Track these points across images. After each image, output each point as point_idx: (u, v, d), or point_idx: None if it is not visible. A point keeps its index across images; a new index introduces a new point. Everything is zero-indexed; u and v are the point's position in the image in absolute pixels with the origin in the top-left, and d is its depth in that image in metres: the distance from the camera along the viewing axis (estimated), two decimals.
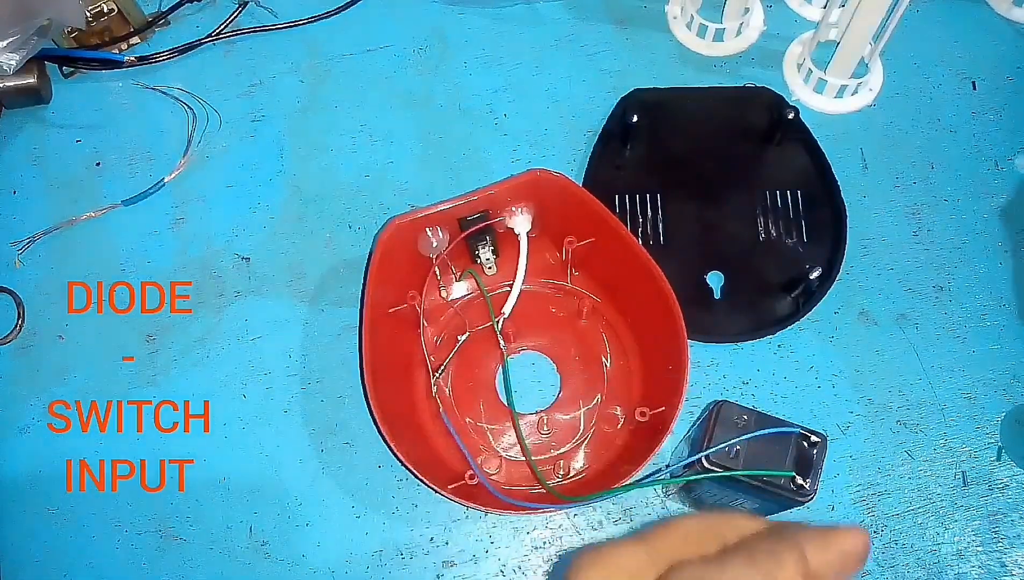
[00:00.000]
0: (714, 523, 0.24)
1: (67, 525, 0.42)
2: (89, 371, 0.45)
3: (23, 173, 0.49)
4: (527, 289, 0.45)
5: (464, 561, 0.41)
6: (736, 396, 0.44)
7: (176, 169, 0.49)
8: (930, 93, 0.51)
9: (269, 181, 0.49)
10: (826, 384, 0.44)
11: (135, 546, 0.42)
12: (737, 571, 0.22)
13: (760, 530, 0.24)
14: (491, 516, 0.42)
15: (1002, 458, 0.43)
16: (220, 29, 0.51)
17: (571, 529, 0.42)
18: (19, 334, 0.45)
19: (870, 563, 0.41)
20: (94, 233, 0.47)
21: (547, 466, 0.42)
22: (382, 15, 0.53)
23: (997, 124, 0.50)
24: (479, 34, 0.52)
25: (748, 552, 0.23)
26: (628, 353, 0.44)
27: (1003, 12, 0.53)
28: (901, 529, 0.42)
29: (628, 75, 0.51)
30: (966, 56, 0.52)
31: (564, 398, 0.44)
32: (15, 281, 0.46)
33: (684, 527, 0.24)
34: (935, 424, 0.44)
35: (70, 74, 0.51)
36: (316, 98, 0.51)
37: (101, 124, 0.50)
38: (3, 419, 0.44)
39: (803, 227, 0.47)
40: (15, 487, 0.43)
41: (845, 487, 0.43)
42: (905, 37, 0.50)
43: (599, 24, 0.53)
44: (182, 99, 0.50)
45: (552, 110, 0.51)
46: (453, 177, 0.49)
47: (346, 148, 0.50)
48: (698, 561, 0.23)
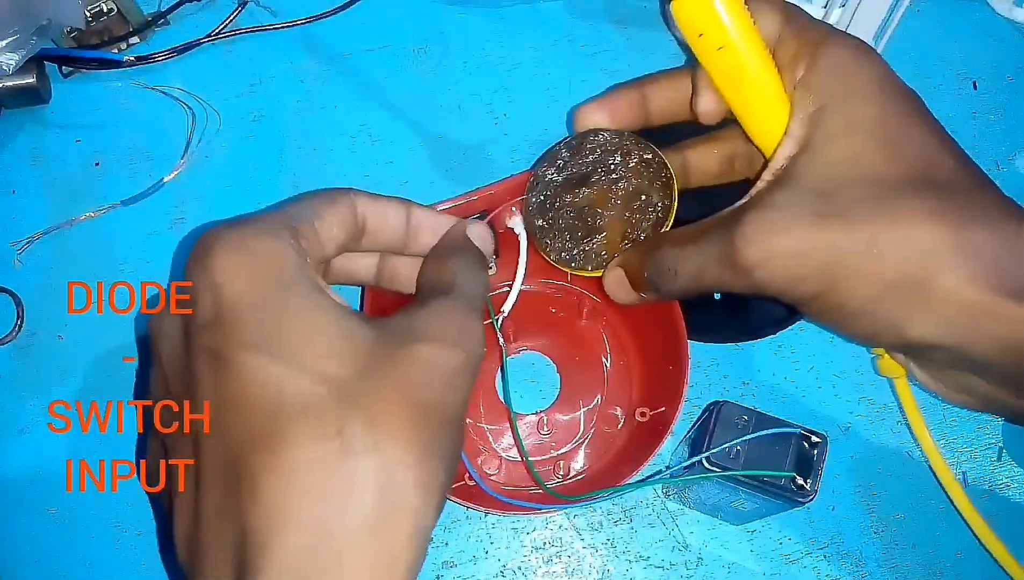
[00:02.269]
0: None
1: (67, 525, 0.42)
2: (89, 371, 0.45)
3: (22, 173, 0.49)
4: (527, 289, 0.45)
5: (464, 562, 0.41)
6: (736, 396, 0.44)
7: (176, 169, 0.49)
8: (930, 93, 0.51)
9: (269, 181, 0.49)
10: (827, 384, 0.44)
11: (135, 546, 0.42)
12: None
13: None
14: (491, 517, 0.42)
15: (1003, 458, 0.43)
16: (220, 29, 0.51)
17: (571, 529, 0.42)
18: (19, 334, 0.45)
19: (870, 563, 0.41)
20: (94, 233, 0.47)
21: (547, 466, 0.42)
22: (382, 15, 0.53)
23: (998, 124, 0.50)
24: (479, 34, 0.52)
25: None
26: (628, 353, 0.44)
27: (1004, 12, 0.53)
28: (902, 530, 0.42)
29: (628, 75, 0.51)
30: (966, 56, 0.52)
31: (564, 398, 0.43)
32: (15, 281, 0.46)
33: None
34: (936, 424, 0.44)
35: (69, 74, 0.51)
36: (316, 98, 0.51)
37: (101, 124, 0.50)
38: (3, 419, 0.44)
39: None
40: (15, 487, 0.43)
41: (846, 487, 0.42)
42: (905, 37, 0.50)
43: (599, 24, 0.53)
44: (182, 99, 0.50)
45: (552, 110, 0.51)
46: (453, 177, 0.49)
47: (346, 148, 0.50)
48: None
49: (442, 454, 0.24)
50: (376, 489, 0.22)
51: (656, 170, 0.36)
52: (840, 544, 0.42)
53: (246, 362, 0.23)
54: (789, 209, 0.29)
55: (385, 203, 0.31)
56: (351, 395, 0.23)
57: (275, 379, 0.23)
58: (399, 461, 0.23)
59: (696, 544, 0.42)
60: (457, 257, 0.31)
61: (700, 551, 0.41)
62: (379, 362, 0.24)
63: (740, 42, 0.31)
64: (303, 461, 0.22)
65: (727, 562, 0.41)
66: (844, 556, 0.41)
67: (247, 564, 0.22)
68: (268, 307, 0.24)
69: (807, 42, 0.31)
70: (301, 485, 0.22)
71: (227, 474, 0.23)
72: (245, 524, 0.22)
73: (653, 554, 0.41)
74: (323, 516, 0.22)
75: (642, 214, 0.36)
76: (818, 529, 0.42)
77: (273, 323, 0.24)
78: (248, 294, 0.24)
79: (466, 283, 0.29)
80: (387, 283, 0.34)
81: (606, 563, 0.41)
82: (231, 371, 0.23)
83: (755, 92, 0.32)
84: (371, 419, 0.23)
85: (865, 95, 0.30)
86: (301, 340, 0.24)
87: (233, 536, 0.23)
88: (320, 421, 0.22)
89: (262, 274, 0.24)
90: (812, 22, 0.33)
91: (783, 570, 0.41)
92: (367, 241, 0.31)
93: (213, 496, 0.23)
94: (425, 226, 0.32)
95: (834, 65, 0.31)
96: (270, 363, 0.23)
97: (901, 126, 0.30)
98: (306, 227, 0.27)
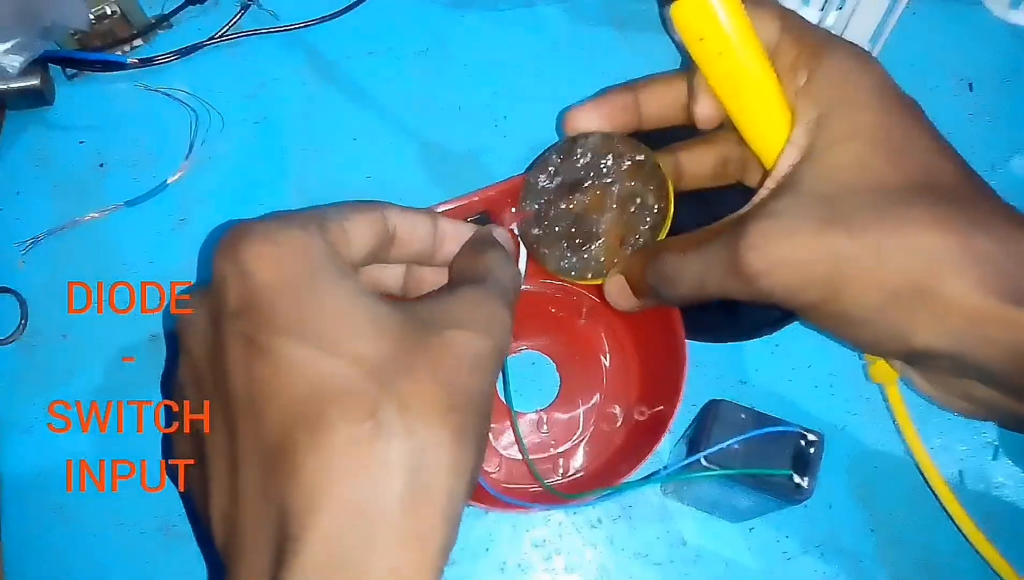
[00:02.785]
0: None
1: (69, 524, 0.42)
2: (90, 371, 0.45)
3: (27, 174, 0.49)
4: (527, 289, 0.45)
5: (464, 559, 0.42)
6: (734, 395, 0.44)
7: (179, 170, 0.49)
8: (926, 95, 0.51)
9: (272, 182, 0.49)
10: (823, 383, 0.45)
11: (138, 544, 0.42)
12: None
13: None
14: (491, 514, 0.42)
15: (998, 457, 0.44)
16: (223, 31, 0.52)
17: (570, 527, 0.42)
18: (22, 334, 0.46)
19: (867, 560, 0.41)
20: (97, 234, 0.48)
21: (546, 465, 0.42)
22: (384, 18, 0.53)
23: (994, 126, 0.51)
24: (480, 37, 0.53)
25: None
26: (627, 352, 0.44)
27: (1000, 14, 0.54)
28: (898, 527, 0.42)
29: (627, 77, 0.51)
30: (963, 58, 0.52)
31: (563, 397, 0.44)
32: (18, 281, 0.46)
33: None
34: (931, 423, 0.44)
35: (73, 76, 0.51)
36: (318, 100, 0.51)
37: (104, 125, 0.50)
38: (6, 419, 0.44)
39: None
40: (17, 487, 0.43)
41: (843, 485, 0.43)
42: (901, 39, 0.50)
43: (598, 27, 0.53)
44: (185, 101, 0.50)
45: (553, 113, 0.51)
46: (453, 178, 0.49)
47: (348, 149, 0.50)
48: None
49: (471, 438, 0.25)
50: (409, 470, 0.23)
51: (650, 172, 0.36)
52: (837, 541, 0.42)
53: (280, 347, 0.24)
54: (792, 216, 0.29)
55: (413, 214, 0.32)
56: (384, 378, 0.24)
57: (309, 362, 0.24)
58: (431, 443, 0.23)
59: (694, 541, 0.42)
60: (490, 250, 0.32)
61: (698, 548, 0.42)
62: (411, 346, 0.25)
63: (740, 47, 0.32)
64: (341, 442, 0.23)
65: (725, 559, 0.42)
66: (841, 553, 0.42)
67: (287, 541, 0.23)
68: (299, 293, 0.24)
69: (806, 48, 0.32)
70: (339, 465, 0.23)
71: (265, 455, 0.24)
72: (285, 502, 0.23)
73: (651, 551, 0.42)
74: (360, 495, 0.23)
75: (639, 217, 0.36)
76: (815, 526, 0.42)
77: (305, 308, 0.24)
78: (279, 281, 0.25)
79: (497, 273, 0.30)
80: (414, 293, 0.35)
81: (605, 560, 0.42)
82: (265, 356, 0.24)
83: (755, 98, 0.32)
84: (404, 402, 0.24)
85: (866, 103, 0.31)
86: (333, 324, 0.24)
87: (272, 515, 0.23)
88: (355, 403, 0.23)
89: (292, 262, 0.25)
90: (809, 27, 0.33)
91: (780, 567, 0.42)
92: (396, 252, 0.32)
93: (251, 477, 0.24)
94: (451, 236, 0.33)
95: (835, 73, 0.31)
96: (303, 347, 0.24)
97: (903, 133, 0.31)
98: (334, 225, 0.28)
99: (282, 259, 0.25)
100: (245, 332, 0.24)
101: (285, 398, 0.23)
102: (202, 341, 0.27)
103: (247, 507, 0.24)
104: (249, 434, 0.24)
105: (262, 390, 0.24)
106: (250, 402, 0.24)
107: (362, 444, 0.23)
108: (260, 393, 0.24)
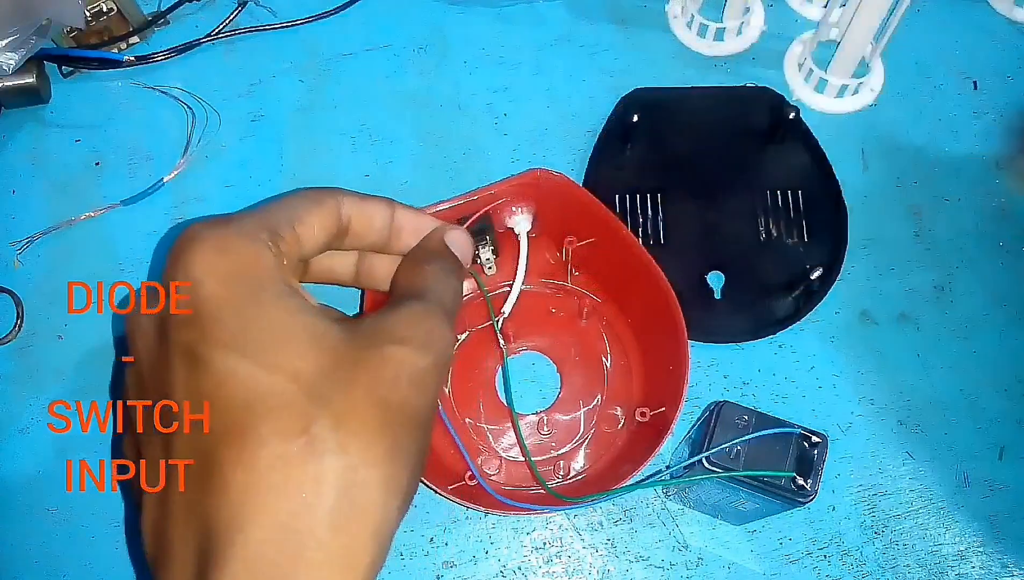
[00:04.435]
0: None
1: (67, 525, 0.42)
2: (89, 371, 0.45)
3: (22, 173, 0.49)
4: (527, 289, 0.45)
5: (464, 562, 0.41)
6: (737, 396, 0.44)
7: (175, 169, 0.49)
8: (931, 93, 0.51)
9: (269, 181, 0.49)
10: (827, 384, 0.44)
11: (135, 546, 0.42)
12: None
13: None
14: (491, 517, 0.42)
15: (1004, 458, 0.43)
16: (219, 29, 0.51)
17: (571, 530, 0.42)
18: (18, 334, 0.45)
19: (871, 563, 0.41)
20: (93, 233, 0.47)
21: (547, 467, 0.42)
22: (382, 15, 0.53)
23: (998, 124, 0.50)
24: (479, 33, 0.52)
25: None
26: (628, 353, 0.44)
27: (1004, 12, 0.53)
28: (902, 529, 0.42)
29: (628, 74, 0.51)
30: (967, 56, 0.52)
31: (564, 398, 0.43)
32: (14, 281, 0.46)
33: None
34: (936, 424, 0.44)
35: (69, 73, 0.51)
36: (316, 98, 0.51)
37: (100, 124, 0.50)
38: (3, 419, 0.44)
39: (804, 227, 0.47)
40: (15, 487, 0.43)
41: (846, 487, 0.42)
42: (906, 37, 0.50)
43: (599, 23, 0.53)
44: (181, 99, 0.50)
45: (552, 110, 0.51)
46: (453, 177, 0.49)
47: (346, 148, 0.50)
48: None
49: (407, 455, 0.25)
50: (340, 488, 0.23)
51: None
52: (840, 544, 0.42)
53: (219, 360, 0.24)
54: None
55: (371, 204, 0.32)
56: (320, 394, 0.24)
57: (247, 377, 0.23)
58: (363, 461, 0.23)
59: (696, 544, 0.42)
60: (432, 263, 0.32)
61: (700, 551, 0.41)
62: (349, 362, 0.25)
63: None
64: (271, 457, 0.23)
65: (727, 562, 0.41)
66: (844, 556, 0.41)
67: (212, 556, 0.22)
68: (243, 307, 0.25)
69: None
70: (268, 481, 0.22)
71: (197, 469, 0.24)
72: (212, 517, 0.23)
73: (653, 554, 0.41)
74: (288, 512, 0.22)
75: None
76: (818, 529, 0.42)
77: (247, 323, 0.24)
78: (224, 294, 0.25)
79: (438, 289, 0.30)
80: (365, 281, 0.35)
81: (606, 563, 0.41)
82: (205, 368, 0.24)
83: None
84: (338, 418, 0.23)
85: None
86: (273, 340, 0.24)
87: (199, 529, 0.23)
88: (288, 419, 0.23)
89: (239, 275, 0.25)
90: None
91: (783, 570, 0.41)
92: (350, 241, 0.31)
93: (182, 490, 0.24)
94: (408, 228, 0.33)
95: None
96: (242, 361, 0.24)
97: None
98: (286, 230, 0.28)
99: (230, 272, 0.25)
100: (187, 342, 0.24)
101: (220, 411, 0.23)
102: (147, 345, 0.27)
103: (175, 520, 0.24)
104: (183, 446, 0.24)
105: (199, 402, 0.24)
106: (187, 414, 0.24)
107: (293, 460, 0.22)
108: (197, 405, 0.24)
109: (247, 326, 0.24)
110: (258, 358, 0.24)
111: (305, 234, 0.28)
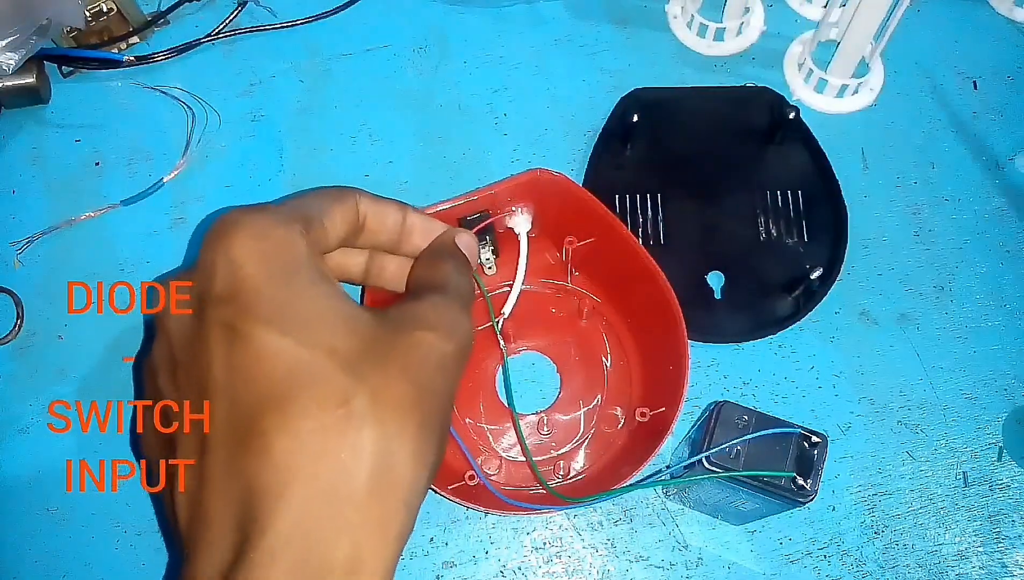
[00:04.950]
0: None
1: (67, 525, 0.42)
2: (89, 371, 0.45)
3: (22, 173, 0.49)
4: (527, 289, 0.45)
5: (464, 562, 0.41)
6: (737, 396, 0.44)
7: (175, 169, 0.49)
8: (931, 93, 0.51)
9: (269, 181, 0.49)
10: (827, 384, 0.44)
11: (135, 546, 0.42)
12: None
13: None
14: (491, 517, 0.42)
15: (1003, 458, 0.43)
16: (219, 29, 0.51)
17: (571, 530, 0.42)
18: (18, 334, 0.45)
19: (871, 563, 0.41)
20: (93, 233, 0.47)
21: (547, 467, 0.42)
22: (382, 15, 0.53)
23: (998, 124, 0.50)
24: (479, 34, 0.52)
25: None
26: (628, 353, 0.44)
27: (1004, 12, 0.53)
28: (902, 529, 0.42)
29: (628, 75, 0.51)
30: (967, 56, 0.52)
31: (564, 398, 0.43)
32: (14, 281, 0.46)
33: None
34: (936, 424, 0.44)
35: (69, 74, 0.51)
36: (316, 98, 0.51)
37: (100, 124, 0.50)
38: (3, 419, 0.44)
39: (804, 227, 0.47)
40: (15, 487, 0.43)
41: (846, 488, 0.42)
42: (906, 37, 0.50)
43: (599, 24, 0.53)
44: (181, 99, 0.50)
45: (552, 110, 0.51)
46: (453, 177, 0.49)
47: (346, 148, 0.50)
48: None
49: (433, 433, 0.26)
50: (377, 457, 0.24)
51: None
52: (840, 544, 0.42)
53: (260, 334, 0.25)
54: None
55: (385, 204, 0.33)
56: (357, 370, 0.25)
57: (287, 351, 0.25)
58: (398, 433, 0.25)
59: (696, 544, 0.42)
60: (450, 260, 0.33)
61: (700, 551, 0.41)
62: (382, 344, 0.26)
63: None
64: (313, 425, 0.24)
65: (727, 562, 0.41)
66: (844, 556, 0.41)
67: (255, 518, 0.23)
68: (281, 287, 0.26)
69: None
70: (310, 447, 0.23)
71: (236, 436, 0.24)
72: (254, 481, 0.24)
73: (653, 554, 0.41)
74: (329, 477, 0.23)
75: None
76: (818, 529, 0.42)
77: (286, 301, 0.26)
78: (263, 274, 0.26)
79: (458, 283, 0.32)
80: (374, 280, 0.36)
81: (606, 563, 0.41)
82: (245, 342, 0.25)
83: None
84: (374, 393, 0.25)
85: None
86: (311, 319, 0.26)
87: (239, 494, 0.24)
88: (328, 391, 0.24)
89: (277, 258, 0.26)
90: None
91: (783, 570, 0.41)
92: (364, 239, 0.33)
93: (221, 457, 0.25)
94: (418, 229, 0.34)
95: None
96: (283, 337, 0.25)
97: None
98: (316, 222, 0.29)
99: (268, 254, 0.26)
100: (227, 318, 0.25)
101: (261, 383, 0.24)
102: (180, 322, 0.28)
103: (215, 486, 0.25)
104: (222, 416, 0.25)
105: (239, 374, 0.25)
106: (226, 386, 0.25)
107: (333, 429, 0.24)
108: (237, 377, 0.25)
109: (285, 305, 0.25)
110: (297, 334, 0.25)
111: (331, 227, 0.30)
